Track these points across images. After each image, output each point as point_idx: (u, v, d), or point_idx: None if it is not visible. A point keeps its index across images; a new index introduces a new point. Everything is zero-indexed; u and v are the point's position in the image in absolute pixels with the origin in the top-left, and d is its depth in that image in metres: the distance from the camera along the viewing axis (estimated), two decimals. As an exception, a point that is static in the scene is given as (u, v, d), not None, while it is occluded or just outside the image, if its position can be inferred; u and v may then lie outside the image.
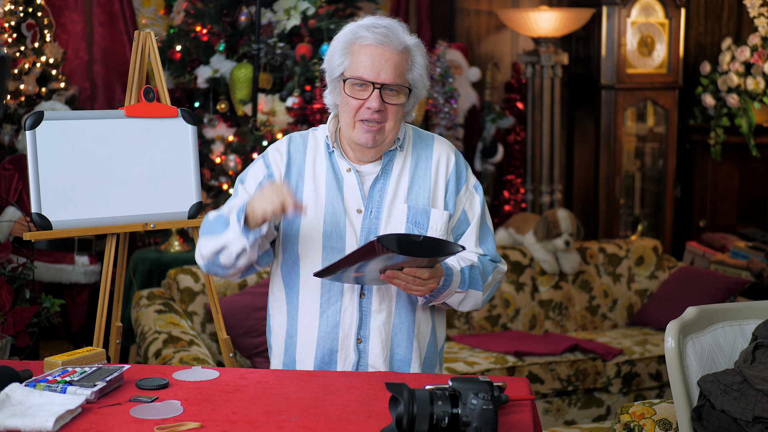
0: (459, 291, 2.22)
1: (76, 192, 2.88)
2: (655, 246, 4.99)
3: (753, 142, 5.72)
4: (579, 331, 4.71)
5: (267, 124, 4.54)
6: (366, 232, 2.22)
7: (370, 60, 2.14)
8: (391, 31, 2.16)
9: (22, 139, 4.41)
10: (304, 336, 2.28)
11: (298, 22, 4.64)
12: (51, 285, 4.56)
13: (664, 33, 5.78)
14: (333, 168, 2.26)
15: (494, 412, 1.72)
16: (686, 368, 2.37)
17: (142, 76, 3.05)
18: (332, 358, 2.26)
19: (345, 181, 2.25)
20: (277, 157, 2.29)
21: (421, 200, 2.26)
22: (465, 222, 2.30)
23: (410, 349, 2.28)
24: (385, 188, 2.25)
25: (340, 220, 2.22)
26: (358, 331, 2.25)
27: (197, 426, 1.82)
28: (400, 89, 2.17)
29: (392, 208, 2.24)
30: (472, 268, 2.24)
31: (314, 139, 2.30)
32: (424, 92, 2.24)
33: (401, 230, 2.23)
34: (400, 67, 2.16)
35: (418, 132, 2.34)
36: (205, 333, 3.78)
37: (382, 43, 2.14)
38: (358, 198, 2.24)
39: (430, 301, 2.23)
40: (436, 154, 2.29)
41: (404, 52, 2.17)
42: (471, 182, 2.33)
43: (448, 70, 5.47)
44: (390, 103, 2.17)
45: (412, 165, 2.28)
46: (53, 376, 2.01)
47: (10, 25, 4.54)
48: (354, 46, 2.17)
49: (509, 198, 5.97)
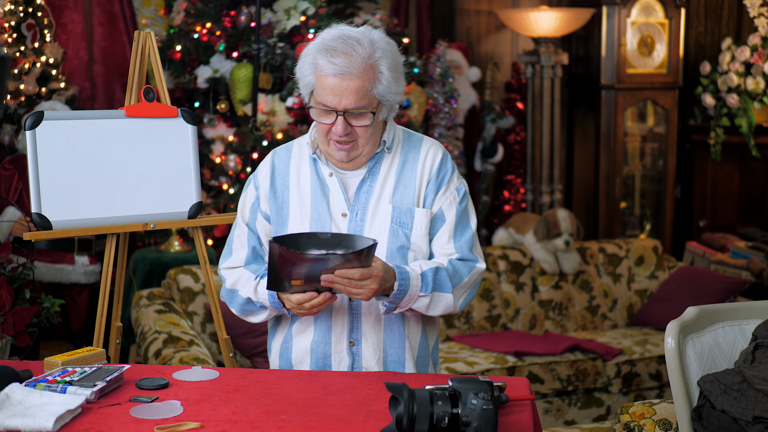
0: (422, 295, 2.18)
1: (76, 192, 2.88)
2: (655, 246, 4.99)
3: (753, 142, 5.72)
4: (579, 331, 4.71)
5: (267, 124, 4.54)
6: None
7: (330, 88, 2.12)
8: (350, 55, 2.10)
9: (22, 139, 4.41)
10: (298, 341, 2.29)
11: (298, 22, 4.64)
12: (51, 285, 4.56)
13: (664, 33, 5.78)
14: (317, 174, 2.27)
15: (494, 412, 1.72)
16: (686, 368, 2.37)
17: (142, 76, 3.05)
18: (326, 362, 2.27)
19: (329, 187, 2.26)
20: (262, 174, 2.32)
21: (406, 200, 2.25)
22: (441, 220, 2.27)
23: (403, 350, 2.27)
24: (371, 190, 2.25)
25: (326, 225, 2.23)
26: (350, 334, 2.25)
27: (197, 426, 1.82)
28: (366, 110, 2.15)
29: (377, 209, 2.24)
30: (437, 271, 2.20)
31: (299, 148, 2.32)
32: (398, 97, 2.20)
33: (385, 231, 2.22)
34: (363, 90, 2.12)
35: (409, 134, 2.33)
36: (205, 333, 3.78)
37: (340, 73, 2.10)
38: (342, 202, 2.24)
39: (392, 309, 2.19)
40: (423, 154, 2.29)
41: (367, 71, 2.12)
42: (454, 184, 2.29)
43: (448, 70, 5.47)
44: (356, 125, 2.16)
45: (399, 166, 2.27)
46: (53, 376, 2.01)
47: (10, 25, 4.54)
48: (316, 71, 2.15)
49: (509, 198, 5.97)
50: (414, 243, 2.24)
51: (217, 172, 4.60)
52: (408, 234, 2.23)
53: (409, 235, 2.23)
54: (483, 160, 5.84)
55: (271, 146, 4.40)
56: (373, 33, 2.17)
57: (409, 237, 2.23)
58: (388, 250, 2.22)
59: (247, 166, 4.55)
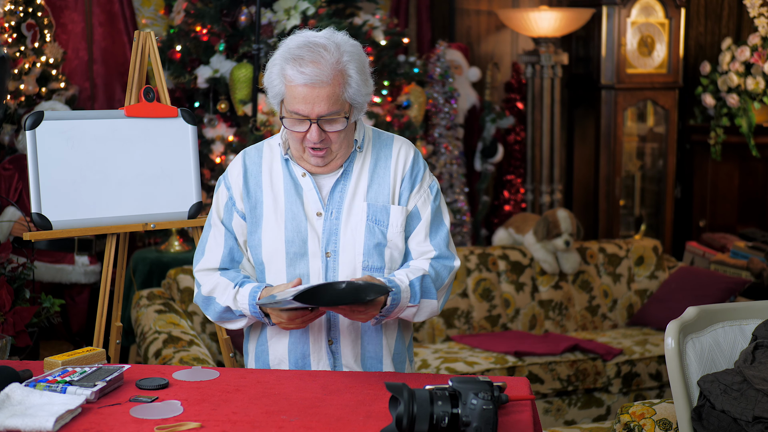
0: (411, 305, 2.22)
1: (76, 192, 2.88)
2: (655, 246, 4.99)
3: (753, 142, 5.72)
4: (579, 331, 4.71)
5: (267, 124, 4.54)
6: (327, 234, 2.23)
7: (302, 97, 2.11)
8: (318, 63, 2.10)
9: (22, 139, 4.41)
10: (275, 343, 2.29)
11: (298, 22, 4.64)
12: (51, 285, 4.56)
13: (664, 33, 5.78)
14: (290, 174, 2.27)
15: (494, 412, 1.72)
16: (686, 368, 2.37)
17: (142, 76, 3.05)
18: (305, 362, 2.27)
19: (302, 186, 2.26)
20: (233, 174, 2.30)
21: (381, 198, 2.26)
22: (416, 218, 2.29)
23: (380, 346, 2.29)
24: (345, 189, 2.26)
25: (301, 224, 2.24)
26: (329, 333, 2.26)
27: (197, 426, 1.82)
28: (338, 115, 2.15)
29: (352, 207, 2.25)
30: (423, 279, 2.24)
31: (269, 149, 2.31)
32: (367, 98, 2.20)
33: (361, 229, 2.23)
34: (334, 95, 2.12)
35: (378, 132, 2.35)
36: (205, 333, 3.78)
37: (310, 83, 2.10)
38: (317, 201, 2.25)
39: (381, 321, 2.22)
40: (395, 152, 2.30)
41: (336, 77, 2.12)
42: (426, 182, 2.32)
43: (448, 70, 5.47)
44: (330, 131, 2.16)
45: (371, 164, 2.28)
46: (53, 376, 2.01)
47: (10, 25, 4.54)
48: (285, 81, 2.14)
49: (509, 198, 5.97)
50: (390, 240, 2.25)
51: (217, 172, 4.60)
52: (384, 231, 2.25)
53: (386, 233, 2.25)
54: (483, 160, 5.84)
55: (271, 146, 4.40)
56: (337, 36, 2.17)
57: (385, 234, 2.25)
58: (365, 248, 2.23)
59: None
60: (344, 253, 2.22)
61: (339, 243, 2.23)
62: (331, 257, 2.23)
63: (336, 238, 2.23)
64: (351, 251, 2.22)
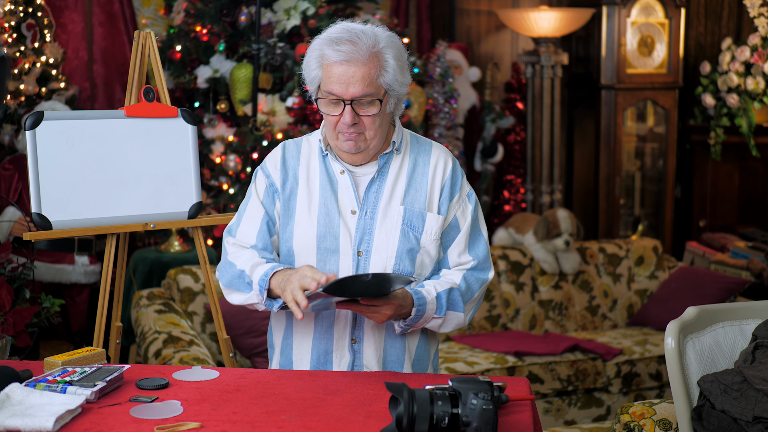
0: (436, 317, 2.23)
1: (76, 192, 2.88)
2: (655, 246, 4.99)
3: (753, 142, 5.72)
4: (579, 331, 4.71)
5: (267, 124, 4.53)
6: (361, 233, 2.23)
7: (337, 76, 2.14)
8: (355, 43, 2.13)
9: (22, 139, 4.41)
10: (300, 337, 2.30)
11: (298, 22, 4.64)
12: (51, 285, 4.56)
13: (664, 33, 5.78)
14: (327, 171, 2.28)
15: (494, 412, 1.72)
16: (686, 368, 2.37)
17: (142, 76, 3.05)
18: (327, 359, 2.27)
19: (339, 183, 2.26)
20: (272, 165, 2.31)
21: (417, 203, 2.26)
22: (455, 228, 2.30)
23: (403, 350, 2.29)
24: (381, 190, 2.26)
25: (334, 221, 2.24)
26: (353, 332, 2.26)
27: (197, 426, 1.82)
28: (373, 98, 2.16)
29: (388, 210, 2.25)
30: (451, 291, 2.25)
31: (308, 145, 2.32)
32: (404, 89, 2.22)
33: (396, 232, 2.23)
34: (369, 77, 2.14)
35: (416, 137, 2.36)
36: (205, 333, 3.78)
37: (346, 60, 2.13)
38: (353, 199, 2.25)
39: (406, 330, 2.24)
40: (434, 159, 2.30)
41: (373, 58, 2.14)
42: (465, 190, 2.33)
43: (448, 70, 5.47)
44: (364, 114, 2.17)
45: (409, 168, 2.29)
46: (53, 376, 2.01)
47: (10, 25, 4.54)
48: (323, 61, 2.17)
49: (509, 198, 5.97)
50: (423, 246, 2.25)
51: (217, 172, 4.60)
52: (418, 237, 2.25)
53: (419, 239, 2.25)
54: (483, 160, 5.84)
55: (271, 146, 4.40)
56: (376, 28, 2.20)
57: (419, 240, 2.25)
58: (398, 251, 2.23)
59: (247, 166, 4.56)
60: (377, 254, 2.23)
61: (372, 243, 2.23)
62: (362, 256, 2.23)
63: (369, 237, 2.23)
64: (384, 253, 2.22)
